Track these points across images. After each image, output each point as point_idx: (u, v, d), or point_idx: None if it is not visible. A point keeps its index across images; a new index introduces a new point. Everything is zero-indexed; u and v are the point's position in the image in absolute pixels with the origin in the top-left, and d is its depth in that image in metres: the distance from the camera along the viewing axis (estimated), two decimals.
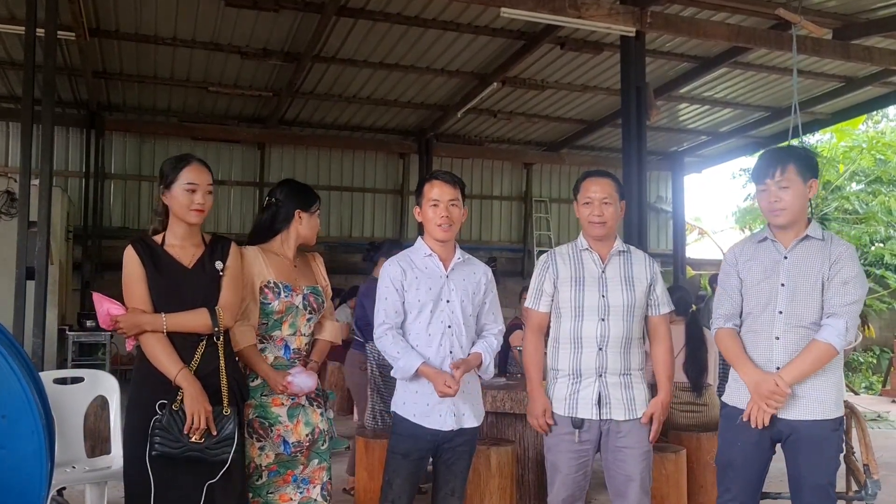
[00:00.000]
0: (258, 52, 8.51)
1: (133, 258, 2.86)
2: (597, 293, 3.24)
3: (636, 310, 3.25)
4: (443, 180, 3.25)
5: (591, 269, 3.28)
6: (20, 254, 5.33)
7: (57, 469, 3.26)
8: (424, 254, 3.27)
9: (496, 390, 4.54)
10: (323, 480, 3.18)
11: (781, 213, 2.99)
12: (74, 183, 11.06)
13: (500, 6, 6.20)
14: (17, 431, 2.27)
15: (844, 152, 17.03)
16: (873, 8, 7.63)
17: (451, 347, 3.18)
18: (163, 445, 2.71)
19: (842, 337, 2.88)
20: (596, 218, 3.23)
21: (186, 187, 2.87)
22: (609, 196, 3.25)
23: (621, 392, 3.21)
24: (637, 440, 3.20)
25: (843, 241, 3.12)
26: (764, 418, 2.91)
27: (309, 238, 3.21)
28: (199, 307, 2.86)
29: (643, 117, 6.75)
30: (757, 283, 3.05)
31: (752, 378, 2.95)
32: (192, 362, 2.83)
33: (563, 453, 3.23)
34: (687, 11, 7.44)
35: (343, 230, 12.48)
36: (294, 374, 3.08)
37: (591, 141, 12.71)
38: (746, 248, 3.17)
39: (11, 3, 7.06)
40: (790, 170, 2.97)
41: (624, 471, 3.19)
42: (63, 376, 4.15)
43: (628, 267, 3.30)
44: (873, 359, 14.97)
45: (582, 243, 3.34)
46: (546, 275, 3.34)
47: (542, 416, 3.26)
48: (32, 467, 2.29)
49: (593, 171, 3.49)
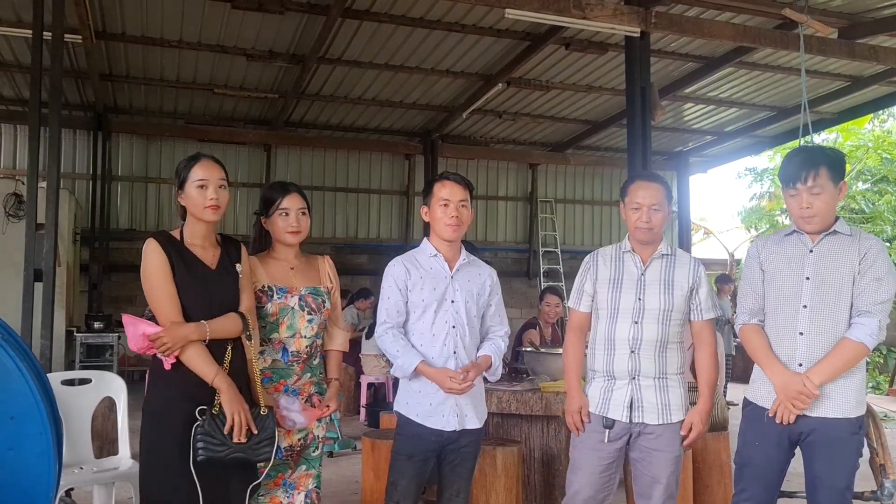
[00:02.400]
0: (264, 54, 8.53)
1: (157, 251, 2.77)
2: (633, 295, 3.21)
3: (674, 314, 3.21)
4: (454, 181, 3.26)
5: (631, 270, 3.26)
6: (28, 256, 5.36)
7: (65, 470, 3.28)
8: (430, 254, 3.27)
9: (502, 391, 4.54)
10: (308, 488, 3.15)
11: (812, 220, 2.91)
12: (82, 185, 11.10)
13: (505, 7, 6.20)
14: (24, 433, 2.28)
15: (850, 151, 16.99)
16: (879, 7, 7.61)
17: (454, 348, 3.18)
18: (207, 450, 2.68)
19: (875, 336, 2.83)
20: (644, 224, 3.19)
21: (197, 183, 2.85)
22: (659, 203, 3.21)
23: (656, 396, 3.18)
24: (668, 444, 3.17)
25: (871, 235, 3.04)
26: (790, 417, 2.86)
27: (280, 239, 3.17)
28: (224, 309, 2.84)
29: (648, 117, 6.74)
30: (780, 275, 2.98)
31: (780, 378, 2.89)
32: (222, 364, 2.80)
33: (589, 451, 3.22)
34: (692, 11, 7.43)
35: (349, 231, 12.50)
36: (288, 408, 3.05)
37: (597, 141, 12.71)
38: (771, 241, 3.10)
39: (18, 6, 7.10)
40: (822, 174, 2.87)
41: (650, 472, 3.17)
42: (71, 378, 4.16)
43: (670, 271, 3.25)
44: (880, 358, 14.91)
45: (626, 245, 3.32)
46: (587, 275, 3.34)
47: (577, 414, 3.25)
48: (40, 468, 2.30)
49: (642, 174, 3.46)
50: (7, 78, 9.45)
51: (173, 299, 2.76)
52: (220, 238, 3.02)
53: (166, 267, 2.77)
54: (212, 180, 2.88)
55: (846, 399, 2.89)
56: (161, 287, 2.76)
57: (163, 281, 2.76)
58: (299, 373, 3.13)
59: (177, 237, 2.88)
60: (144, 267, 2.78)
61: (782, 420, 2.88)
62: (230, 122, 11.37)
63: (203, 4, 7.32)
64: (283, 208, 3.14)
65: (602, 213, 13.80)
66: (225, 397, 2.73)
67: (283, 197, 3.16)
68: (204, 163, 2.91)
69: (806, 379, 2.83)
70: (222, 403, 2.73)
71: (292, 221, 3.13)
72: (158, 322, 2.75)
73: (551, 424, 4.71)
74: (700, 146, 13.05)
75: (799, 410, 2.85)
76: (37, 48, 5.58)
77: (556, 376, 4.69)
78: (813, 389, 2.81)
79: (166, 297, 2.75)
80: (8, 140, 10.88)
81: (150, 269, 2.77)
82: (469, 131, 12.12)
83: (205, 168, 2.89)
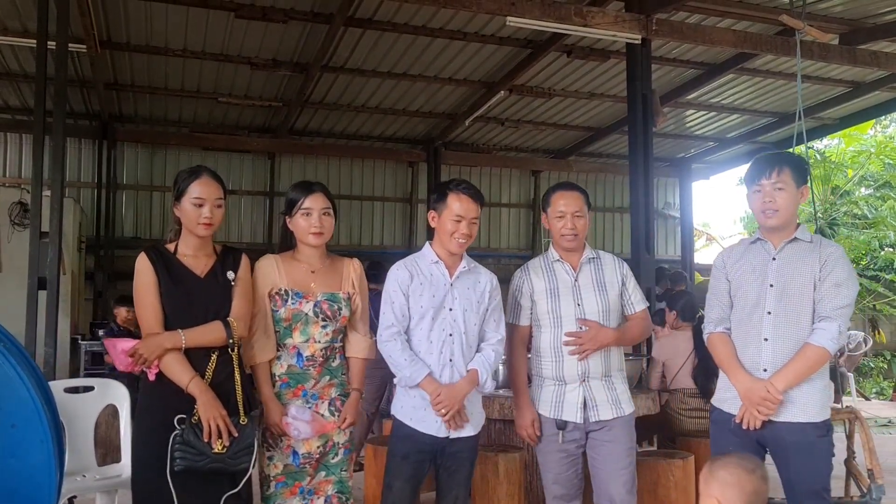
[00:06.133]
0: (268, 62, 8.56)
1: (146, 266, 2.84)
2: (572, 302, 3.34)
3: (611, 313, 3.36)
4: (470, 196, 3.21)
5: (565, 278, 3.38)
6: (32, 264, 5.37)
7: (68, 478, 3.29)
8: (431, 260, 3.27)
9: (504, 398, 4.55)
10: (328, 493, 3.13)
11: (774, 215, 3.00)
12: (87, 193, 11.14)
13: (507, 15, 6.22)
14: (26, 441, 2.29)
15: (853, 157, 16.98)
16: (880, 13, 7.62)
17: (451, 356, 3.19)
18: (184, 460, 2.69)
19: (835, 341, 2.88)
20: (569, 231, 3.34)
21: (194, 201, 2.88)
22: (580, 209, 3.36)
23: (606, 393, 3.32)
24: (621, 436, 3.29)
25: (832, 242, 3.12)
26: (756, 422, 2.92)
27: (303, 239, 3.15)
28: (212, 317, 2.85)
29: (650, 124, 6.75)
30: (745, 283, 3.06)
31: (743, 385, 2.96)
32: (205, 373, 2.82)
33: (551, 453, 3.34)
34: (692, 18, 7.45)
35: (353, 238, 12.51)
36: (296, 417, 3.02)
37: (599, 148, 12.71)
38: (735, 252, 3.19)
39: (24, 16, 7.15)
40: (786, 172, 3.00)
41: (607, 466, 3.26)
42: (74, 385, 4.18)
43: (599, 272, 3.40)
44: (884, 364, 14.87)
45: (553, 255, 3.44)
46: (523, 289, 3.44)
47: (530, 427, 3.37)
48: (42, 477, 2.31)
49: (562, 183, 3.56)
50: (12, 87, 9.49)
51: (155, 312, 2.80)
52: (221, 248, 3.04)
53: (153, 281, 2.82)
54: (209, 199, 2.90)
55: (811, 403, 2.94)
56: (145, 301, 2.82)
57: (148, 295, 2.82)
58: (316, 376, 3.11)
59: (171, 249, 2.93)
60: (134, 282, 2.85)
61: (749, 426, 2.94)
62: (234, 131, 11.41)
63: (207, 14, 7.35)
64: (305, 208, 3.11)
65: (604, 219, 13.78)
66: (200, 403, 2.75)
67: (306, 196, 3.12)
68: (203, 180, 2.92)
69: (769, 385, 2.89)
70: (198, 409, 2.73)
71: (315, 222, 3.10)
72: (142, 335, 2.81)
73: None
74: (702, 152, 13.05)
75: (764, 416, 2.91)
76: (42, 57, 5.61)
77: None
78: (777, 395, 2.87)
79: (150, 309, 2.81)
80: (13, 149, 10.92)
81: (137, 284, 2.85)
82: (472, 139, 12.14)
83: (203, 186, 2.91)
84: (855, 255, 15.69)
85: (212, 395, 2.77)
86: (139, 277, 2.84)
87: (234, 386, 2.87)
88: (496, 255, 12.99)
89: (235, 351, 2.88)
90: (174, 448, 2.70)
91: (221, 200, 2.95)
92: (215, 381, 2.83)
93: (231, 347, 2.86)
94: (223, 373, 2.86)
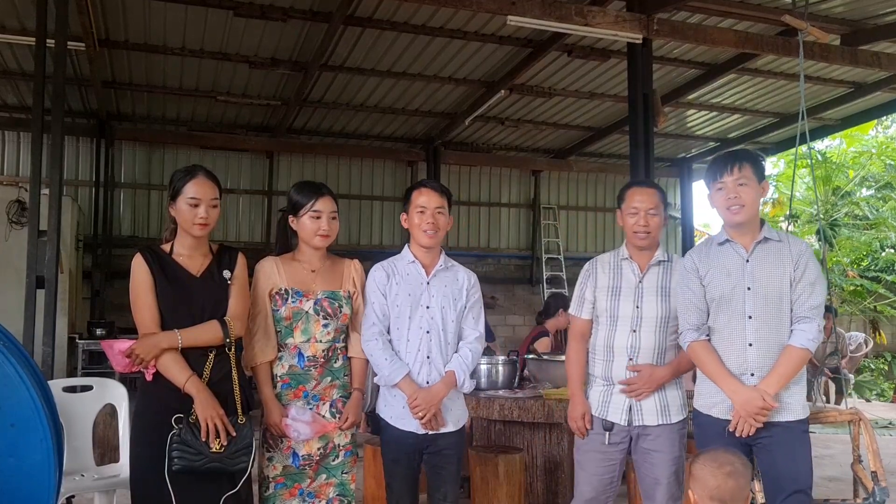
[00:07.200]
0: (266, 61, 8.54)
1: (141, 266, 2.84)
2: (631, 303, 3.25)
3: (671, 321, 3.23)
4: (430, 188, 3.31)
5: (629, 278, 3.29)
6: (30, 263, 5.35)
7: (66, 477, 3.28)
8: (408, 260, 3.32)
9: (504, 398, 4.53)
10: (329, 496, 3.12)
11: (741, 210, 3.00)
12: (85, 192, 11.11)
13: (507, 14, 6.21)
14: (25, 440, 2.28)
15: (854, 158, 16.99)
16: (881, 14, 7.61)
17: (428, 353, 3.20)
18: (182, 460, 2.68)
19: (815, 341, 2.91)
20: (641, 228, 3.26)
21: (189, 201, 2.87)
22: (655, 207, 3.28)
23: (654, 398, 3.22)
24: (667, 445, 3.20)
25: (798, 239, 3.13)
26: (750, 430, 2.92)
27: (309, 241, 3.18)
28: (208, 316, 2.85)
29: (651, 124, 6.74)
30: (720, 286, 3.03)
31: (739, 396, 2.94)
32: (202, 373, 2.82)
33: (591, 453, 3.27)
34: (694, 18, 7.44)
35: (351, 238, 12.48)
36: (295, 418, 3.01)
37: (599, 148, 12.70)
38: (704, 253, 3.14)
39: (22, 14, 7.13)
40: (746, 168, 3.00)
41: (652, 474, 3.20)
42: (72, 385, 4.16)
43: (666, 277, 3.28)
44: (885, 365, 14.89)
45: (623, 252, 3.35)
46: (587, 283, 3.37)
47: (580, 419, 3.29)
48: (41, 476, 2.30)
49: (638, 180, 3.52)
50: (11, 85, 9.47)
51: (151, 312, 2.80)
52: (217, 247, 3.03)
53: (148, 281, 2.82)
54: (204, 199, 2.90)
55: (794, 403, 2.97)
56: (141, 301, 2.82)
57: (143, 295, 2.82)
58: (318, 377, 3.11)
59: (166, 249, 2.93)
60: (130, 283, 2.85)
61: (742, 434, 2.94)
62: (232, 130, 11.39)
63: (205, 12, 7.33)
64: (316, 211, 3.15)
65: (605, 219, 13.78)
66: (197, 402, 2.74)
67: (317, 199, 3.16)
68: (199, 180, 2.91)
69: (765, 394, 2.89)
70: (195, 408, 2.73)
71: (324, 225, 3.16)
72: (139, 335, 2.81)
73: (554, 432, 4.70)
74: (703, 153, 13.04)
75: (760, 424, 2.92)
76: (40, 56, 5.59)
77: (558, 383, 4.67)
78: (773, 404, 2.88)
79: (146, 310, 2.81)
80: (11, 147, 10.89)
81: (133, 285, 2.85)
82: (471, 138, 12.12)
83: (199, 186, 2.90)
84: (856, 256, 15.71)
85: (209, 395, 2.77)
86: (135, 278, 2.85)
87: (231, 385, 2.87)
88: (496, 255, 12.99)
89: (232, 350, 2.87)
90: (172, 448, 2.69)
91: (217, 200, 2.95)
92: (212, 380, 2.83)
93: (228, 347, 2.86)
94: (220, 372, 2.86)
